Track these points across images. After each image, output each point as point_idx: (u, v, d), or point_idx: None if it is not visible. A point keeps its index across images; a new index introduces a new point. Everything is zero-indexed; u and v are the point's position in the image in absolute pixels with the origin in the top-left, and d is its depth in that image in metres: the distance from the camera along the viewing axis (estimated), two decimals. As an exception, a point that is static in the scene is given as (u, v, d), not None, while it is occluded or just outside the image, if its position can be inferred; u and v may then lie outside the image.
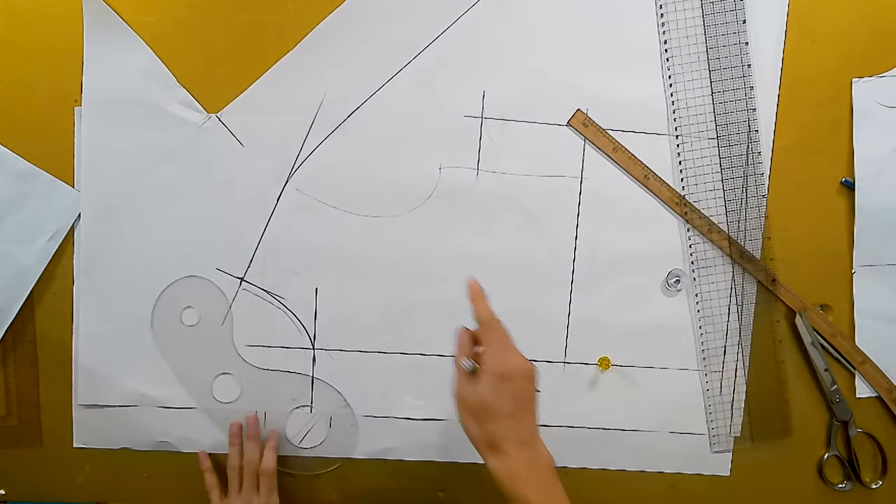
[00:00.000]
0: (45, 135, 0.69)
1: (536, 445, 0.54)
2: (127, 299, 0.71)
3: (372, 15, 0.69)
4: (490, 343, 0.55)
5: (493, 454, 0.54)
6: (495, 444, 0.54)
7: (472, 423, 0.55)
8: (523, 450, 0.54)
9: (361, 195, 0.71)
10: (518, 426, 0.54)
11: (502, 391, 0.53)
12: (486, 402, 0.53)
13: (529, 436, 0.54)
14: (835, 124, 0.73)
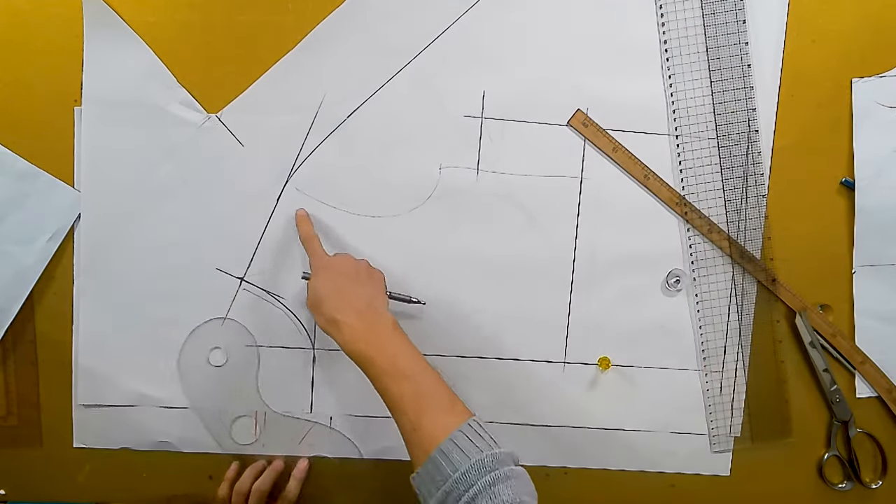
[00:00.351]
0: (45, 135, 0.69)
1: (373, 311, 0.61)
2: (127, 299, 0.71)
3: (372, 15, 0.69)
4: (311, 251, 0.66)
5: (333, 329, 0.61)
6: (332, 320, 0.61)
7: (316, 315, 0.62)
8: (356, 315, 0.60)
9: (361, 195, 0.71)
10: (347, 300, 0.61)
11: (325, 279, 0.63)
12: (317, 291, 0.62)
13: (366, 304, 0.61)
14: (835, 124, 0.73)
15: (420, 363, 0.58)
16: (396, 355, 0.58)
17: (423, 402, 0.56)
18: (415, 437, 0.55)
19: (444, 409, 0.56)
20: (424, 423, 0.54)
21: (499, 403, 0.74)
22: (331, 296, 0.61)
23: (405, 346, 0.59)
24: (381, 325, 0.61)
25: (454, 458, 0.51)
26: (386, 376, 0.57)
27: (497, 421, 0.74)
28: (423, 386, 0.57)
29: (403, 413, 0.56)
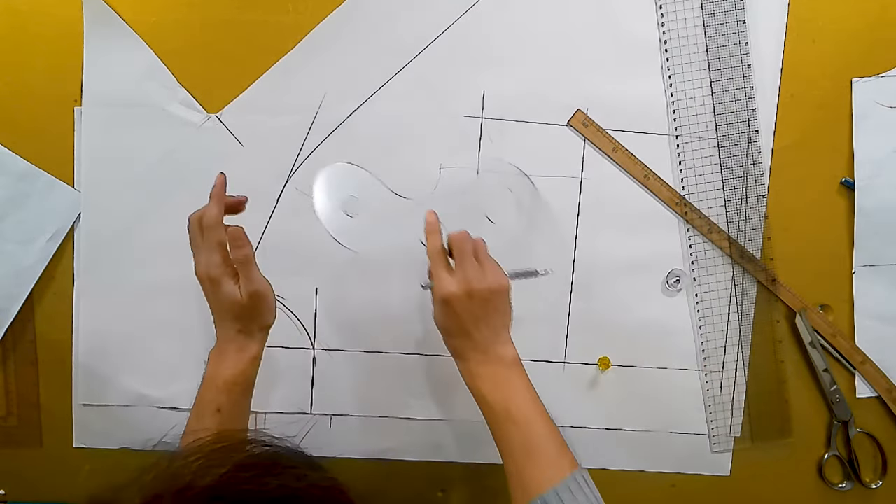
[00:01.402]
0: (45, 135, 0.69)
1: (495, 350, 0.61)
2: (127, 299, 0.71)
3: (372, 15, 0.69)
4: (434, 272, 0.62)
5: (457, 358, 0.62)
6: (456, 352, 0.62)
7: (443, 338, 0.63)
8: (477, 353, 0.61)
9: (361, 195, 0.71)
10: (470, 340, 0.60)
11: (447, 314, 0.60)
12: (441, 324, 0.62)
13: (486, 343, 0.61)
14: (835, 124, 0.73)
15: (532, 409, 0.58)
16: (509, 399, 0.58)
17: (530, 451, 0.56)
18: (517, 482, 0.56)
19: (550, 460, 0.56)
20: (530, 469, 0.55)
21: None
22: (456, 332, 0.60)
23: (520, 390, 0.59)
24: (501, 363, 0.60)
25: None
26: (497, 418, 0.58)
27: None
28: (532, 434, 0.57)
29: (509, 456, 0.57)
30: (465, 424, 0.75)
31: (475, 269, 0.60)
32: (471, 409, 0.74)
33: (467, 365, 0.61)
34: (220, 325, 0.61)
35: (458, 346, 0.61)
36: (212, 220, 0.58)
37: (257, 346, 0.61)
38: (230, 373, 0.59)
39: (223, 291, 0.58)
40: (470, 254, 0.60)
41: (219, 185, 0.60)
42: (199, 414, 0.60)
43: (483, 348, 0.60)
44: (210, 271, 0.58)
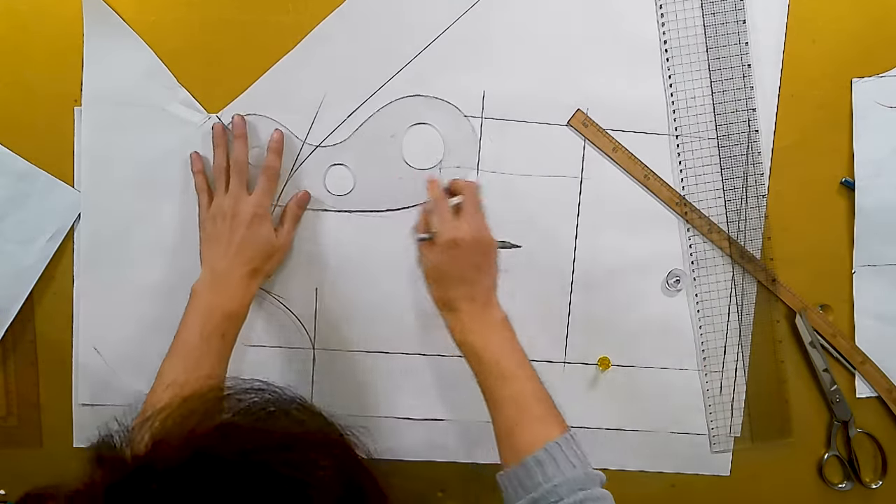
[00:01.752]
0: (45, 135, 0.69)
1: (489, 304, 0.61)
2: (127, 299, 0.71)
3: (372, 15, 0.69)
4: (440, 215, 0.62)
5: (448, 312, 0.61)
6: (450, 304, 0.61)
7: (432, 287, 0.62)
8: (473, 305, 0.60)
9: (362, 195, 0.71)
10: (470, 288, 0.61)
11: (453, 257, 0.60)
12: (440, 268, 0.61)
13: (483, 296, 0.61)
14: (835, 124, 0.73)
15: (524, 367, 0.59)
16: (502, 355, 0.59)
17: (523, 407, 0.57)
18: (509, 440, 0.56)
19: (540, 417, 0.57)
20: (520, 428, 0.56)
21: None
22: (456, 280, 0.61)
23: (512, 348, 0.60)
24: (494, 320, 0.61)
25: (548, 469, 0.53)
26: (489, 374, 0.58)
27: (497, 421, 0.74)
28: (524, 391, 0.58)
29: (500, 413, 0.57)
30: (465, 424, 0.75)
31: (482, 218, 0.62)
32: (471, 409, 0.74)
33: (460, 317, 0.61)
34: (231, 257, 0.64)
35: (453, 297, 0.61)
36: (275, 170, 0.66)
37: (256, 288, 0.66)
38: (237, 304, 0.64)
39: (263, 229, 0.65)
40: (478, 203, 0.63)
41: (277, 139, 0.67)
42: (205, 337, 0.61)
43: (480, 301, 0.61)
44: (258, 210, 0.64)
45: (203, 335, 0.62)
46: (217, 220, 0.65)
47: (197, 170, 0.68)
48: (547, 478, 0.52)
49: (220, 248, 0.65)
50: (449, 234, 0.61)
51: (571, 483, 0.52)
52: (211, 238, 0.66)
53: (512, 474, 0.54)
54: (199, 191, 0.68)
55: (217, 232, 0.65)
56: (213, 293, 0.64)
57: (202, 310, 0.63)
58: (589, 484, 0.52)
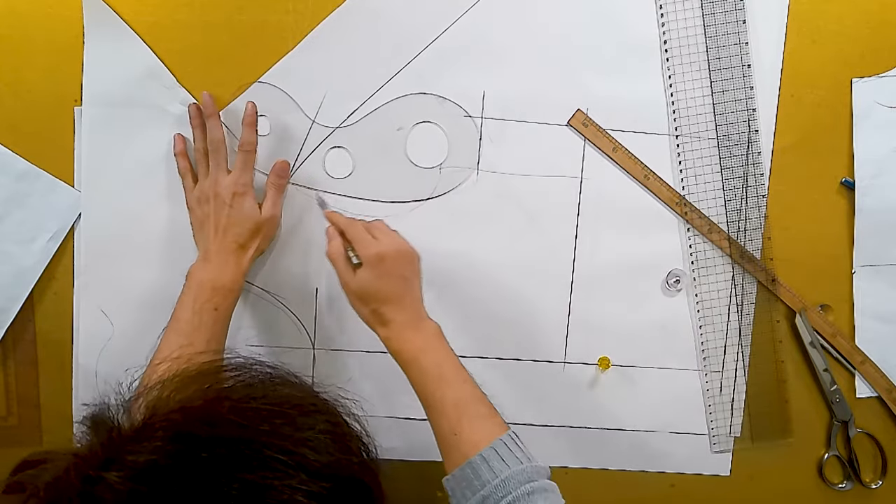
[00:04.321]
0: (45, 135, 0.69)
1: (420, 316, 0.62)
2: (127, 299, 0.71)
3: (372, 15, 0.69)
4: (357, 235, 0.62)
5: (381, 327, 0.62)
6: (382, 318, 0.61)
7: (359, 305, 0.62)
8: (406, 315, 0.61)
9: (361, 195, 0.71)
10: (400, 299, 0.61)
11: (381, 272, 0.61)
12: (370, 285, 0.61)
13: (414, 306, 0.62)
14: (835, 124, 0.73)
15: (462, 372, 0.60)
16: (442, 362, 0.60)
17: (464, 409, 0.57)
18: (453, 441, 0.56)
19: (483, 417, 0.57)
20: (464, 428, 0.56)
21: (499, 404, 0.74)
22: (383, 293, 0.61)
23: (449, 354, 0.61)
24: (427, 328, 0.62)
25: (494, 465, 0.53)
26: (429, 380, 0.59)
27: (497, 421, 0.74)
28: (465, 393, 0.58)
29: (443, 416, 0.57)
30: (465, 424, 0.75)
31: (393, 234, 0.63)
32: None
33: (396, 329, 0.61)
34: (219, 238, 0.65)
35: (386, 312, 0.61)
36: (251, 144, 0.66)
37: (248, 264, 0.67)
38: (228, 279, 0.64)
39: (246, 206, 0.65)
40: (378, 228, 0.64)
41: (251, 113, 0.66)
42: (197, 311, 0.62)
43: (412, 312, 0.61)
44: (237, 188, 0.65)
45: (195, 309, 0.63)
46: (202, 203, 0.66)
47: (178, 152, 0.68)
48: (494, 474, 0.52)
49: (208, 230, 0.66)
50: (373, 250, 0.61)
51: (519, 476, 0.52)
52: (199, 221, 0.67)
53: (459, 475, 0.54)
54: (182, 174, 0.68)
55: (203, 214, 0.66)
56: (203, 272, 0.65)
57: (193, 286, 0.64)
58: (536, 476, 0.53)
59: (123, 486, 0.35)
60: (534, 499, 0.51)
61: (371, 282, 0.61)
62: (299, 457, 0.37)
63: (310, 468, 0.37)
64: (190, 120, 0.67)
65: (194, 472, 0.35)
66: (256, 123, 0.67)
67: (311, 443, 0.38)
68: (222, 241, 0.65)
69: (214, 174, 0.66)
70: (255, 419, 0.38)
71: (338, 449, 0.39)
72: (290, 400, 0.42)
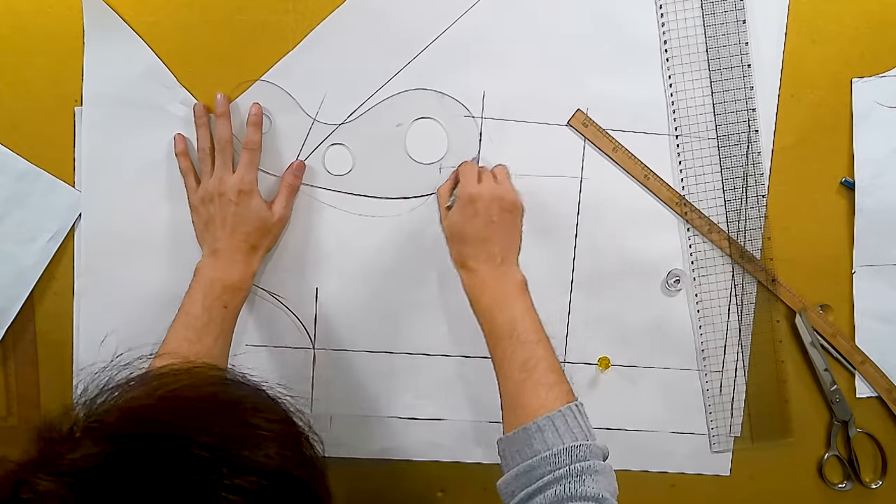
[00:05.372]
0: (45, 135, 0.69)
1: (507, 266, 0.60)
2: (127, 299, 0.71)
3: (372, 15, 0.69)
4: (464, 176, 0.64)
5: (463, 271, 0.62)
6: (465, 262, 0.61)
7: (451, 246, 0.63)
8: (489, 265, 0.60)
9: (361, 192, 0.71)
10: (487, 247, 0.60)
11: (471, 215, 0.61)
12: (458, 228, 0.61)
13: (501, 256, 0.61)
14: (835, 124, 0.73)
15: (537, 331, 0.58)
16: (516, 318, 0.58)
17: (531, 372, 0.55)
18: (513, 403, 0.55)
19: (549, 384, 0.55)
20: (527, 392, 0.54)
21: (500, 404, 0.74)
22: (472, 237, 0.60)
23: (527, 311, 0.59)
24: (511, 282, 0.60)
25: (548, 437, 0.51)
26: (501, 335, 0.57)
27: (498, 421, 0.74)
28: (535, 356, 0.56)
29: (508, 377, 0.56)
30: (465, 424, 0.75)
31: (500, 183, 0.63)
32: (471, 409, 0.75)
33: (477, 276, 0.60)
34: (228, 237, 0.65)
35: (471, 255, 0.60)
36: (256, 144, 0.66)
37: (258, 263, 0.67)
38: (237, 277, 0.64)
39: (252, 204, 0.65)
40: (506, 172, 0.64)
41: (256, 113, 0.66)
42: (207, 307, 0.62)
43: (498, 261, 0.60)
44: (243, 186, 0.65)
45: (205, 305, 0.62)
46: (206, 202, 0.66)
47: (179, 151, 0.68)
48: (546, 446, 0.51)
49: (215, 229, 0.66)
50: (468, 190, 0.62)
51: (571, 452, 0.50)
52: (204, 221, 0.67)
53: (511, 438, 0.53)
54: (183, 174, 0.68)
55: (209, 214, 0.66)
56: (214, 269, 0.65)
57: (203, 283, 0.64)
58: (589, 455, 0.51)
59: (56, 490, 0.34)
60: (583, 479, 0.49)
61: (457, 222, 0.61)
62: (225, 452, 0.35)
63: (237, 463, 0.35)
64: (195, 119, 0.67)
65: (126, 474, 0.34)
66: (262, 123, 0.67)
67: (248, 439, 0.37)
68: (230, 240, 0.65)
69: (219, 173, 0.66)
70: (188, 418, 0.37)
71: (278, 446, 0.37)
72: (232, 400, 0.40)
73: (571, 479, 0.49)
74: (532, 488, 0.50)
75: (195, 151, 0.68)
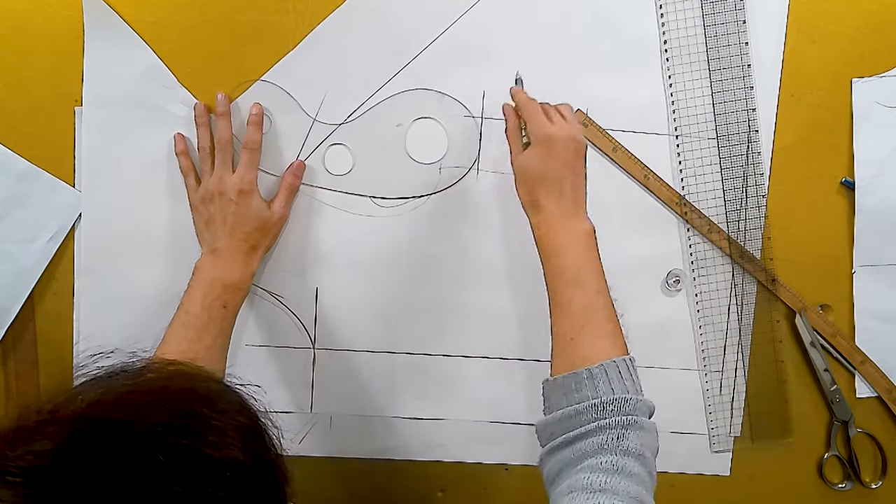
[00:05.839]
0: (45, 135, 0.69)
1: (577, 210, 0.59)
2: (127, 299, 0.71)
3: (372, 15, 0.69)
4: (530, 117, 0.62)
5: (533, 211, 0.60)
6: (536, 203, 0.60)
7: (521, 186, 0.61)
8: (560, 206, 0.59)
9: (362, 192, 0.71)
10: (559, 188, 0.59)
11: (546, 155, 0.59)
12: (533, 166, 0.60)
13: (572, 199, 0.60)
14: (835, 124, 0.73)
15: (600, 281, 0.57)
16: (582, 264, 0.57)
17: (589, 319, 0.55)
18: (567, 346, 0.54)
19: (605, 333, 0.55)
20: (582, 338, 0.54)
21: (501, 403, 0.74)
22: (543, 175, 0.59)
23: (593, 258, 0.58)
24: (579, 227, 0.59)
25: (599, 385, 0.51)
26: (563, 279, 0.57)
27: (499, 420, 0.74)
28: (595, 304, 0.56)
29: (565, 319, 0.55)
30: (465, 424, 0.75)
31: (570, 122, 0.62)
32: (471, 409, 0.75)
33: (548, 218, 0.59)
34: (228, 236, 0.65)
35: (541, 196, 0.59)
36: (256, 143, 0.66)
37: (258, 263, 0.67)
38: (237, 277, 0.65)
39: (253, 203, 0.65)
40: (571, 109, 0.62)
41: (257, 113, 0.67)
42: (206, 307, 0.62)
43: (569, 205, 0.59)
44: (243, 185, 0.65)
45: (204, 304, 0.62)
46: (206, 202, 0.66)
47: (180, 151, 0.68)
48: (596, 393, 0.50)
49: (215, 229, 0.66)
50: (544, 130, 0.60)
51: (620, 404, 0.50)
52: (205, 220, 0.67)
53: (560, 382, 0.52)
54: (184, 173, 0.68)
55: (209, 213, 0.66)
56: (214, 269, 0.65)
57: (203, 282, 0.64)
58: (636, 411, 0.51)
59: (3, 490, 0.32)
60: (627, 433, 0.49)
61: (534, 162, 0.60)
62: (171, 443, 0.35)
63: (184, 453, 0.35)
64: (195, 118, 0.67)
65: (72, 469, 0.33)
66: (262, 123, 0.67)
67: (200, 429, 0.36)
68: (230, 239, 0.65)
69: (219, 172, 0.66)
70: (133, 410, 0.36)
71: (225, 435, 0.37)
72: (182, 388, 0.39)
73: (616, 430, 0.49)
74: (573, 433, 0.50)
75: (195, 151, 0.68)
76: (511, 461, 0.75)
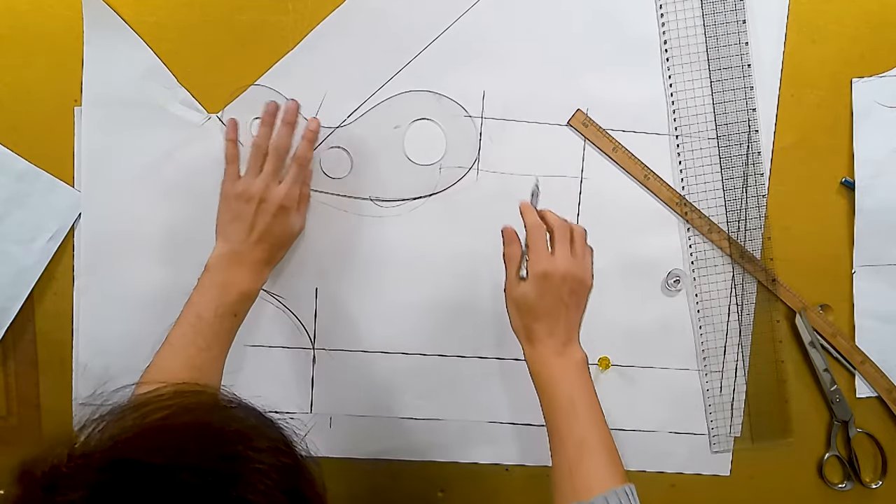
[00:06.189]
0: (45, 135, 0.69)
1: (570, 342, 0.60)
2: (127, 299, 0.71)
3: (372, 15, 0.69)
4: (533, 246, 0.60)
5: (527, 343, 0.61)
6: (530, 335, 0.60)
7: (515, 315, 0.61)
8: (554, 339, 0.59)
9: (360, 195, 0.71)
10: (554, 322, 0.59)
11: (543, 292, 0.59)
12: (528, 301, 0.59)
13: (566, 333, 0.60)
14: (835, 124, 0.73)
15: (595, 411, 0.58)
16: (577, 395, 0.58)
17: (586, 450, 0.56)
18: (567, 480, 0.55)
19: (603, 463, 0.56)
20: (581, 469, 0.55)
21: (501, 403, 0.74)
22: (538, 311, 0.59)
23: (586, 389, 0.59)
24: (573, 358, 0.60)
25: None
26: (559, 410, 0.58)
27: (498, 421, 0.74)
28: (591, 434, 0.57)
29: (564, 450, 0.56)
30: (465, 424, 0.75)
31: (575, 256, 0.61)
32: (471, 409, 0.75)
33: (541, 351, 0.60)
34: (254, 244, 0.64)
35: (537, 330, 0.60)
36: (307, 160, 0.66)
37: (268, 274, 0.67)
38: (249, 285, 0.64)
39: (290, 219, 0.66)
40: (568, 240, 0.61)
41: (314, 129, 0.67)
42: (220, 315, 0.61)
43: (562, 338, 0.60)
44: (286, 201, 0.64)
45: (218, 313, 0.61)
46: (241, 201, 0.64)
47: (230, 138, 0.66)
48: None
49: (242, 228, 0.64)
50: (540, 267, 0.59)
51: None
52: (233, 215, 0.65)
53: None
54: (228, 160, 0.66)
55: (241, 211, 0.64)
56: (231, 271, 0.63)
57: (219, 285, 0.63)
58: None
59: None
60: None
61: (529, 297, 0.59)
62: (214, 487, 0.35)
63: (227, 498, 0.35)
64: (262, 115, 0.66)
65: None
66: (316, 139, 0.67)
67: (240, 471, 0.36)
68: (254, 246, 0.64)
69: (267, 179, 0.64)
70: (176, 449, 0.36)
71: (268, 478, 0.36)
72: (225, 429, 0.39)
73: None
74: None
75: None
76: (511, 461, 0.75)
